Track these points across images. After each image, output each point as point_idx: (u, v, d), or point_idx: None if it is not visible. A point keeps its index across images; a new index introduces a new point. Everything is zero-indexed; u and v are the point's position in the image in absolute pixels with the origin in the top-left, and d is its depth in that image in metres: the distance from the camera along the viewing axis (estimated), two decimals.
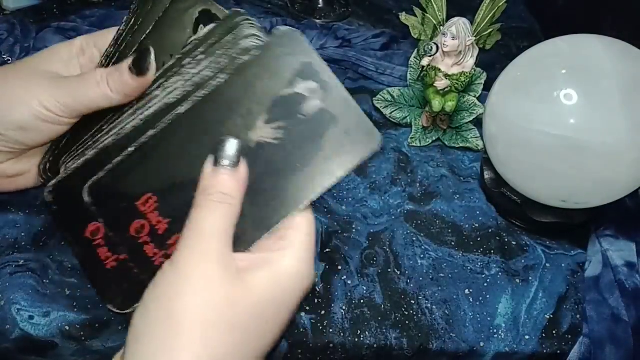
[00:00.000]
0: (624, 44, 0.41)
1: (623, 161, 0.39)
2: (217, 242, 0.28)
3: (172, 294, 0.27)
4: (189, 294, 0.27)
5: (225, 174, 0.30)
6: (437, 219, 0.47)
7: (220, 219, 0.29)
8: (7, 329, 0.35)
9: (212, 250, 0.28)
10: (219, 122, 0.31)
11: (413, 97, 0.55)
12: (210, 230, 0.28)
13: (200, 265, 0.27)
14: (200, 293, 0.27)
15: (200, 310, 0.26)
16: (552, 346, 0.40)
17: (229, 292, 0.27)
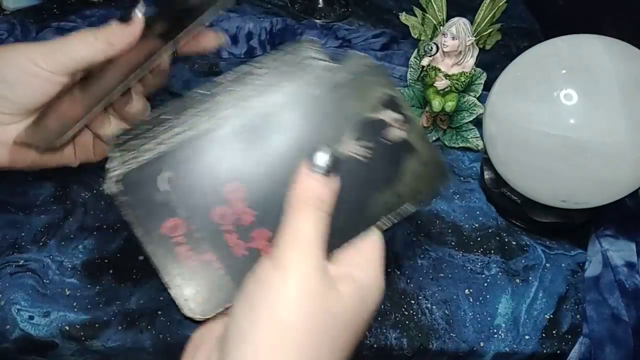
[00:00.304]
0: (624, 44, 0.41)
1: (623, 161, 0.39)
2: (317, 248, 0.29)
3: (279, 297, 0.27)
4: (294, 300, 0.27)
5: (320, 180, 0.30)
6: (437, 219, 0.47)
7: (320, 226, 0.29)
8: (7, 329, 0.35)
9: (314, 256, 0.28)
10: (314, 128, 0.33)
11: (413, 97, 0.55)
12: (311, 235, 0.29)
13: (304, 271, 0.28)
14: (305, 300, 0.27)
15: (305, 317, 0.27)
16: (552, 346, 0.40)
17: (327, 302, 0.28)
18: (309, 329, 0.27)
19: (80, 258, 0.39)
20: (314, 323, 0.27)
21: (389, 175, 0.33)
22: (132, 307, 0.37)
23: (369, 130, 0.33)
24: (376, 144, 0.33)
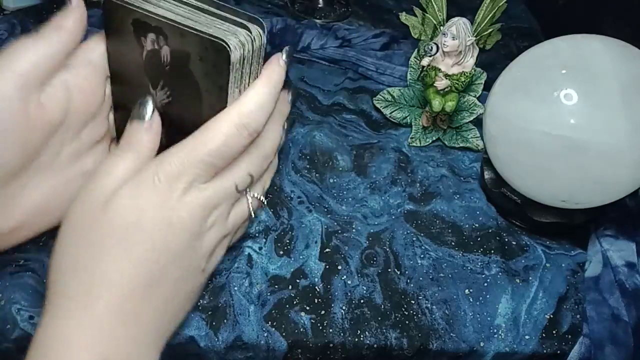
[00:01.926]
0: (624, 44, 0.41)
1: (623, 161, 0.39)
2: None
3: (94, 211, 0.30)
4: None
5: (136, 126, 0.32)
6: (437, 219, 0.47)
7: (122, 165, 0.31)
8: (8, 329, 0.35)
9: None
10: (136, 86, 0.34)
11: (413, 97, 0.55)
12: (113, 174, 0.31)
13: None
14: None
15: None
16: (552, 346, 0.40)
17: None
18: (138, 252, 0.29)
19: None
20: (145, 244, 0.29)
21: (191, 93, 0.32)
22: None
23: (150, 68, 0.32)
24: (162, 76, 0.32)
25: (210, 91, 0.31)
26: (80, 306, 0.28)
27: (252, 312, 0.38)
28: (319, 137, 0.52)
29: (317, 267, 0.42)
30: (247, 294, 0.39)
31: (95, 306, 0.28)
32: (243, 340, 0.37)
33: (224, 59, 0.30)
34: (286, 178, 0.48)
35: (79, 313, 0.28)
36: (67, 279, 0.29)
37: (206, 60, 0.31)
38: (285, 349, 0.38)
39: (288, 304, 0.39)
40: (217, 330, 0.37)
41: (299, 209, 0.46)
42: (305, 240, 0.43)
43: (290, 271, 0.41)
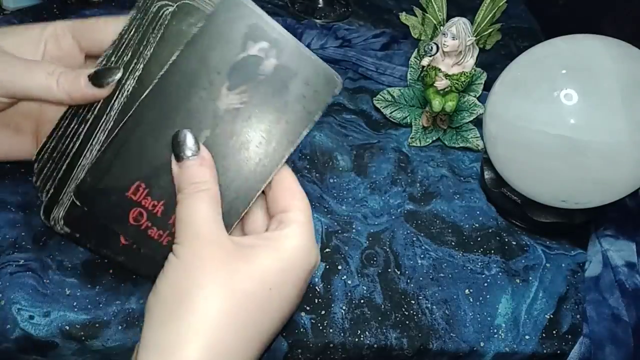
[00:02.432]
0: (624, 44, 0.41)
1: (623, 161, 0.39)
2: (206, 227, 0.30)
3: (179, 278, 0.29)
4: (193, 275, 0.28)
5: (190, 165, 0.31)
6: (437, 219, 0.47)
7: (201, 206, 0.30)
8: (8, 329, 0.35)
9: (203, 234, 0.29)
10: (184, 98, 0.32)
11: (413, 97, 0.55)
12: (196, 219, 0.30)
13: (197, 251, 0.29)
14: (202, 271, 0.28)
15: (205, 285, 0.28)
16: (552, 346, 0.40)
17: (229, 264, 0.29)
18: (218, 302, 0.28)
19: (80, 258, 0.39)
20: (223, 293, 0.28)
21: (275, 109, 0.32)
22: (132, 307, 0.37)
23: (243, 73, 0.32)
24: (253, 84, 0.32)
25: (296, 112, 0.33)
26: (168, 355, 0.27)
27: None
28: (319, 137, 0.52)
29: (317, 267, 0.42)
30: None
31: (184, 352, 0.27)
32: None
33: (329, 89, 0.33)
34: None
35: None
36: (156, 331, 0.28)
37: (311, 85, 0.32)
38: (285, 349, 0.38)
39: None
40: None
41: None
42: None
43: None
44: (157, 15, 0.33)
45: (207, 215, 0.30)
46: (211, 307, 0.28)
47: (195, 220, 0.30)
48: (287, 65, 0.32)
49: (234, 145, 0.32)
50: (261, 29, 0.32)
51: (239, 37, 0.32)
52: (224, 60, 0.32)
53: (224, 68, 0.32)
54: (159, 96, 0.32)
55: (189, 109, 0.32)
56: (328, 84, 0.33)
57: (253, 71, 0.32)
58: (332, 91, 0.33)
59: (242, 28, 0.32)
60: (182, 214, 0.30)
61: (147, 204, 0.32)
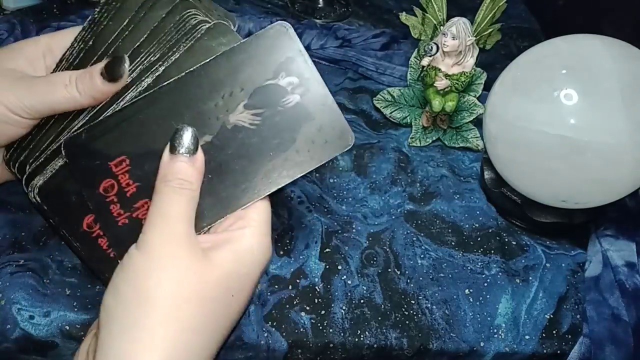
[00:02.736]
0: (624, 44, 0.41)
1: (623, 161, 0.39)
2: (181, 225, 0.30)
3: (143, 274, 0.28)
4: (158, 273, 0.28)
5: (182, 161, 0.31)
6: (437, 218, 0.47)
7: (182, 204, 0.30)
8: (8, 329, 0.35)
9: (178, 233, 0.29)
10: (200, 99, 0.32)
11: (413, 97, 0.55)
12: (174, 214, 0.30)
13: (167, 247, 0.29)
14: (169, 271, 0.28)
15: (171, 287, 0.28)
16: (552, 346, 0.40)
17: (196, 270, 0.29)
18: (176, 297, 0.28)
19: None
20: (181, 291, 0.28)
21: (280, 142, 0.33)
22: None
23: (264, 98, 0.33)
24: (269, 111, 0.33)
25: (300, 153, 0.33)
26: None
27: (252, 312, 0.38)
28: None
29: (317, 267, 0.42)
30: None
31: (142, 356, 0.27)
32: (243, 340, 0.37)
33: (339, 144, 0.33)
34: None
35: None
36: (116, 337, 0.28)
37: (323, 133, 0.33)
38: (285, 349, 0.38)
39: (288, 304, 0.39)
40: None
41: (299, 209, 0.46)
42: (305, 240, 0.43)
43: (291, 271, 0.41)
44: (194, 28, 0.34)
45: (184, 212, 0.30)
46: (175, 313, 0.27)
47: (171, 214, 0.30)
48: (307, 107, 0.33)
49: (228, 161, 0.32)
50: (297, 64, 0.32)
51: (274, 65, 0.32)
52: (252, 80, 0.32)
53: (249, 86, 0.32)
54: (178, 89, 0.32)
55: (201, 110, 0.32)
56: (340, 138, 0.33)
57: (275, 100, 0.33)
58: (342, 147, 0.33)
59: (280, 57, 0.32)
60: (158, 205, 0.30)
61: (122, 180, 0.32)
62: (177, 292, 0.28)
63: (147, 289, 0.28)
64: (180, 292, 0.28)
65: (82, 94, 0.33)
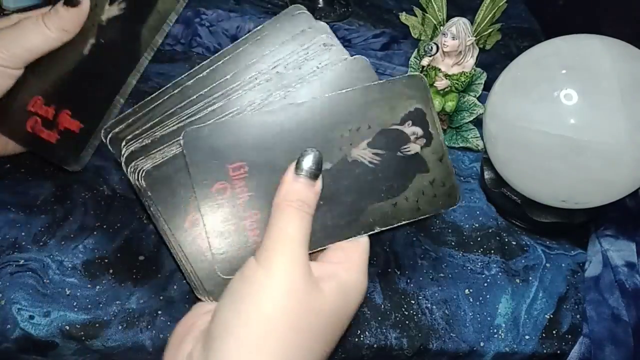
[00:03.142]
0: (624, 44, 0.41)
1: (623, 161, 0.39)
2: (302, 249, 0.30)
3: (264, 292, 0.28)
4: (280, 295, 0.28)
5: (304, 183, 0.31)
6: (437, 219, 0.47)
7: (302, 226, 0.30)
8: (8, 329, 0.35)
9: (298, 256, 0.29)
10: (330, 126, 0.33)
11: None
12: (296, 236, 0.30)
13: (289, 270, 0.29)
14: (290, 297, 0.28)
15: (289, 314, 0.28)
16: (552, 346, 0.40)
17: (311, 301, 0.29)
18: (293, 325, 0.28)
19: (80, 258, 0.39)
20: (298, 320, 0.28)
21: (393, 186, 0.34)
22: (132, 307, 0.37)
23: (387, 140, 0.34)
24: (389, 153, 0.34)
25: (408, 201, 0.34)
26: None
27: None
28: None
29: None
30: None
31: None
32: None
33: (446, 201, 0.35)
34: None
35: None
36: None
37: (434, 188, 0.35)
38: None
39: None
40: None
41: None
42: None
43: None
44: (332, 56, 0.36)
45: (304, 235, 0.30)
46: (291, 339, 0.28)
47: (293, 235, 0.30)
48: (425, 159, 0.34)
49: (340, 192, 0.33)
50: (424, 117, 0.34)
51: (403, 112, 0.34)
52: (380, 120, 0.34)
53: (375, 126, 0.33)
54: (310, 110, 0.33)
55: (327, 137, 0.33)
56: (449, 196, 0.35)
57: (396, 144, 0.34)
58: (449, 205, 0.35)
59: (410, 106, 0.34)
60: (283, 223, 0.30)
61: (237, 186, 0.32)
62: (294, 321, 0.28)
63: (267, 309, 0.28)
64: (296, 321, 0.28)
65: (50, 28, 0.34)
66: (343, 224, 0.33)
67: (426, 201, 0.34)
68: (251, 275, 0.29)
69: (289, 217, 0.30)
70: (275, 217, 0.30)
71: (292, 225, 0.30)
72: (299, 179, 0.31)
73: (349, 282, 0.31)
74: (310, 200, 0.31)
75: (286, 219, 0.30)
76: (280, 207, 0.30)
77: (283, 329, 0.28)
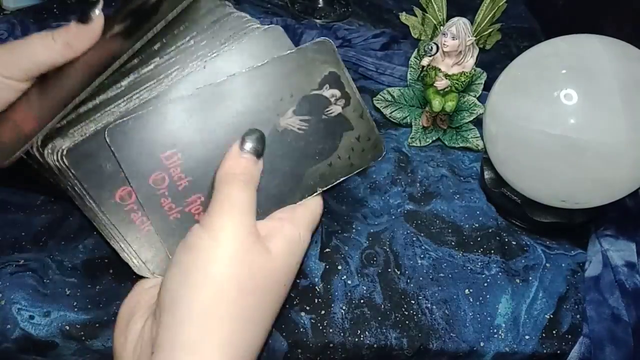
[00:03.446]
0: (624, 44, 0.41)
1: (623, 161, 0.39)
2: (249, 217, 0.31)
3: (212, 259, 0.29)
4: (227, 261, 0.29)
5: (249, 159, 0.32)
6: (437, 218, 0.47)
7: (247, 195, 0.31)
8: (8, 329, 0.35)
9: (244, 221, 0.30)
10: (253, 100, 0.34)
11: (413, 97, 0.55)
12: (240, 202, 0.31)
13: (235, 234, 0.30)
14: (238, 263, 0.29)
15: (239, 278, 0.29)
16: (552, 346, 0.40)
17: (259, 262, 0.30)
18: (242, 288, 0.29)
19: (80, 258, 0.39)
20: (247, 283, 0.29)
21: (325, 148, 0.36)
22: None
23: (310, 105, 0.35)
24: (315, 118, 0.35)
25: (342, 159, 0.37)
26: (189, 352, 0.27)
27: None
28: None
29: (317, 267, 0.42)
30: None
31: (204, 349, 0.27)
32: None
33: (374, 153, 0.38)
34: None
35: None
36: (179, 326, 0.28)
37: (361, 143, 0.37)
38: (285, 349, 0.38)
39: (288, 304, 0.39)
40: None
41: None
42: None
43: None
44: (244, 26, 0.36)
45: (251, 205, 0.31)
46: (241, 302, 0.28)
47: (241, 204, 0.31)
48: (348, 118, 0.36)
49: (277, 161, 0.34)
50: (338, 79, 0.36)
51: (319, 77, 0.35)
52: (300, 88, 0.35)
53: (297, 94, 0.35)
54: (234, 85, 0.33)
55: (255, 109, 0.34)
56: (375, 148, 0.38)
57: (319, 108, 0.35)
58: (377, 156, 0.38)
59: (324, 70, 0.35)
60: (228, 193, 0.31)
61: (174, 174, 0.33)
62: (243, 285, 0.29)
63: (215, 276, 0.28)
64: (247, 284, 0.29)
65: (56, 40, 0.33)
66: (287, 190, 0.35)
67: (357, 156, 0.37)
68: (196, 241, 0.30)
69: (233, 186, 0.31)
70: (219, 187, 0.31)
71: (236, 192, 0.31)
72: (243, 155, 0.32)
73: (293, 237, 0.33)
74: (254, 174, 0.32)
75: (230, 188, 0.31)
76: (225, 179, 0.31)
77: (233, 293, 0.28)
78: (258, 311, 0.29)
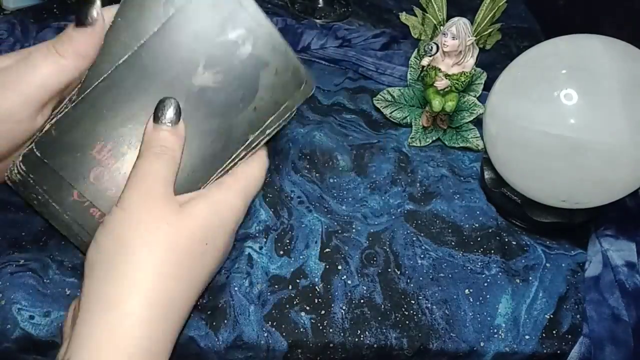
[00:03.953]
0: (624, 44, 0.41)
1: (623, 161, 0.39)
2: (158, 185, 0.31)
3: (121, 227, 0.30)
4: (136, 224, 0.30)
5: (165, 130, 0.32)
6: (437, 218, 0.47)
7: (161, 167, 0.32)
8: (8, 329, 0.35)
9: (155, 191, 0.31)
10: (161, 69, 0.33)
11: (413, 97, 0.55)
12: (152, 175, 0.31)
13: (145, 203, 0.30)
14: (146, 223, 0.30)
15: (147, 237, 0.30)
16: (552, 346, 0.40)
17: (170, 221, 0.30)
18: (163, 258, 0.30)
19: (80, 258, 0.39)
20: (168, 250, 0.30)
21: (245, 93, 0.34)
22: None
23: (219, 56, 0.34)
24: (228, 67, 0.34)
25: (264, 100, 0.35)
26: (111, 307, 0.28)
27: (252, 312, 0.38)
28: (319, 137, 0.52)
29: (317, 267, 0.42)
30: (247, 293, 0.39)
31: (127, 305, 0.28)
32: (243, 340, 0.37)
33: (296, 83, 0.35)
34: (286, 178, 0.48)
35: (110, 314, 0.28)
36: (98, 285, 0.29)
37: (280, 76, 0.34)
38: (285, 349, 0.38)
39: (288, 304, 0.39)
40: (217, 330, 0.37)
41: (299, 209, 0.46)
42: (305, 240, 0.43)
43: (291, 271, 0.41)
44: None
45: (162, 174, 0.31)
46: (153, 259, 0.29)
47: (150, 175, 0.31)
48: (260, 55, 0.34)
49: (202, 122, 0.34)
50: (240, 15, 0.33)
51: (219, 21, 0.33)
52: (202, 40, 0.33)
53: (201, 47, 0.33)
54: (136, 64, 0.33)
55: (164, 80, 0.33)
56: (295, 76, 0.35)
57: (229, 55, 0.34)
58: (298, 85, 0.35)
59: (223, 12, 0.33)
60: (140, 168, 0.31)
61: (110, 164, 0.33)
62: (152, 241, 0.29)
63: (126, 239, 0.29)
64: (156, 241, 0.30)
65: (64, 55, 0.31)
66: (220, 147, 0.34)
67: (281, 92, 0.35)
68: (109, 217, 0.31)
69: (147, 161, 0.31)
70: (136, 164, 0.32)
71: (149, 167, 0.31)
72: (159, 127, 0.32)
73: (220, 201, 0.33)
74: (174, 144, 0.32)
75: (145, 164, 0.31)
76: (141, 155, 0.32)
77: (146, 252, 0.29)
78: (175, 267, 0.30)
